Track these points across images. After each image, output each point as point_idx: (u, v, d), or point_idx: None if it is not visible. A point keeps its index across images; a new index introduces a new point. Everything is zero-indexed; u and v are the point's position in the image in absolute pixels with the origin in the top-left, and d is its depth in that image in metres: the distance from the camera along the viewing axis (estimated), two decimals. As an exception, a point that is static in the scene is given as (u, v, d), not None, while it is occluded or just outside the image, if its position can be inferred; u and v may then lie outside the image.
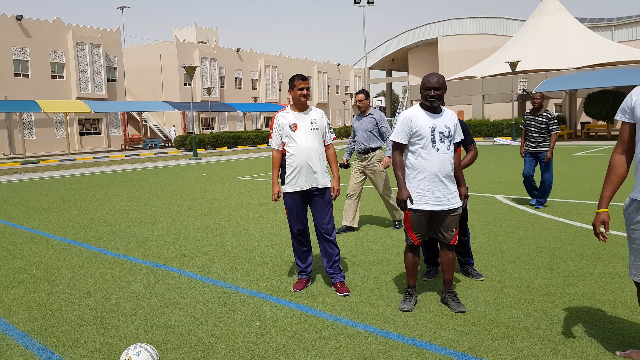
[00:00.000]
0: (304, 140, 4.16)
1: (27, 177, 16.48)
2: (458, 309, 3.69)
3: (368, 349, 3.16)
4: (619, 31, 51.02)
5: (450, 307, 3.75)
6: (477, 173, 12.95)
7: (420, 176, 3.65)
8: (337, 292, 4.18)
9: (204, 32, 53.34)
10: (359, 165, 6.52)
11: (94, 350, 3.26)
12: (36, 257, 5.68)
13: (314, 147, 4.17)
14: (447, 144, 3.67)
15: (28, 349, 3.32)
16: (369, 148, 6.38)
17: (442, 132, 3.65)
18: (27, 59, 33.06)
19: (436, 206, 3.66)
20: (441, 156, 3.65)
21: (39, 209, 9.30)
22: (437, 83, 3.60)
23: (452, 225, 3.74)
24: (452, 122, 3.74)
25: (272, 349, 3.21)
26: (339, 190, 4.27)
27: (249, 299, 4.13)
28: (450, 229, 3.75)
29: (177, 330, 3.54)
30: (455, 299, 3.77)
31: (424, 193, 3.66)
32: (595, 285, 4.16)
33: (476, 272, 4.50)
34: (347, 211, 6.51)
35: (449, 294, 3.82)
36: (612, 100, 27.87)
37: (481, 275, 4.46)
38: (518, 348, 3.11)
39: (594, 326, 3.38)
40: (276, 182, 4.30)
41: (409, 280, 3.91)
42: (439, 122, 3.67)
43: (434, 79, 3.62)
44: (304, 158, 4.14)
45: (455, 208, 3.72)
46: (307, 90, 4.21)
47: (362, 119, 6.40)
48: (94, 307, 4.05)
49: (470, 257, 4.57)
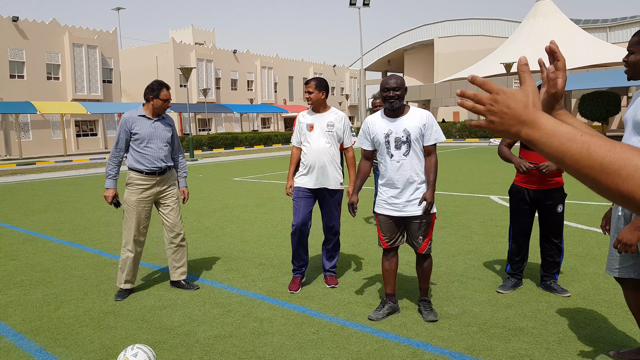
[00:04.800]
0: (316, 141, 4.26)
1: (23, 178, 16.43)
2: (427, 317, 3.57)
3: (365, 349, 3.18)
4: (614, 32, 51.30)
5: (422, 315, 3.65)
6: (472, 174, 13.00)
7: (381, 181, 3.68)
8: (326, 284, 4.43)
9: (201, 33, 53.33)
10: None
11: (91, 351, 3.27)
12: (32, 259, 5.68)
13: (326, 148, 4.24)
14: (405, 150, 3.52)
15: (25, 350, 3.32)
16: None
17: (398, 138, 3.51)
18: (23, 60, 32.95)
19: (391, 211, 3.59)
20: (395, 162, 3.54)
21: (36, 210, 9.29)
22: (395, 83, 3.49)
23: (418, 233, 3.58)
24: (416, 124, 3.52)
25: (269, 349, 3.22)
26: None
27: (246, 300, 4.15)
28: (416, 237, 3.60)
29: (174, 331, 3.55)
30: (427, 307, 3.66)
31: (383, 197, 3.64)
32: (589, 286, 4.20)
33: (560, 287, 4.01)
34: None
35: (421, 302, 3.72)
36: (606, 101, 28.03)
37: (566, 290, 3.98)
38: (513, 348, 3.14)
39: (588, 326, 3.42)
40: (291, 177, 4.42)
41: (385, 287, 3.77)
42: (397, 127, 3.53)
43: (392, 80, 3.53)
44: (315, 158, 4.24)
45: (413, 216, 3.55)
46: (309, 94, 4.28)
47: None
48: (91, 308, 4.05)
49: (557, 271, 4.08)
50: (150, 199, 4.31)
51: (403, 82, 3.56)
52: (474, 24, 58.32)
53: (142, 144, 4.23)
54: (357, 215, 6.52)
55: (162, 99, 4.25)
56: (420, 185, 3.57)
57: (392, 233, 3.66)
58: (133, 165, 4.25)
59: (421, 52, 64.25)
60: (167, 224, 4.40)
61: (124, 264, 4.31)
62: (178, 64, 43.47)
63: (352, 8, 38.29)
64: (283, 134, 37.59)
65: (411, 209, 3.56)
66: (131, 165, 4.27)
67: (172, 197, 4.41)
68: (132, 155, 4.27)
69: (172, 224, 4.39)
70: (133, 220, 4.26)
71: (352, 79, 65.55)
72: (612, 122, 45.64)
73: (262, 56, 52.30)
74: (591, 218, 6.90)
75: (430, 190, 3.53)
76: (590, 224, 6.56)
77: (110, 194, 4.28)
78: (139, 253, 4.38)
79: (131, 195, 4.25)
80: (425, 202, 3.51)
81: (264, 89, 51.98)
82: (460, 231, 6.37)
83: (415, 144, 3.53)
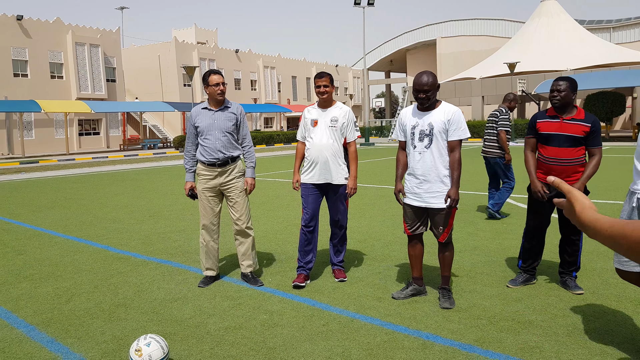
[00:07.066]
0: (318, 137, 4.27)
1: (28, 176, 16.49)
2: (443, 304, 3.69)
3: (374, 340, 3.20)
4: (618, 33, 51.19)
5: (438, 302, 3.77)
6: (477, 172, 13.00)
7: (408, 171, 3.86)
8: (334, 277, 4.47)
9: (204, 32, 53.36)
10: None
11: (102, 342, 3.29)
12: (40, 254, 5.71)
13: (328, 144, 4.25)
14: (427, 142, 3.67)
15: (37, 341, 3.34)
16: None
17: (422, 130, 3.69)
18: (26, 59, 33.04)
19: (413, 201, 3.80)
20: (417, 154, 3.71)
21: (42, 207, 9.32)
22: (427, 85, 3.61)
23: (439, 223, 3.75)
24: (441, 119, 3.64)
25: (279, 340, 3.24)
26: (354, 188, 4.34)
27: (256, 293, 4.16)
28: (437, 227, 3.77)
29: (185, 323, 3.57)
30: (445, 295, 3.78)
31: (407, 186, 3.85)
32: (598, 280, 4.20)
33: (574, 284, 3.99)
34: None
35: (441, 290, 3.85)
36: (611, 102, 27.97)
37: (580, 288, 3.95)
38: (523, 340, 3.15)
39: (598, 319, 3.42)
40: (297, 172, 4.45)
41: (412, 271, 3.99)
42: (423, 121, 3.70)
43: (424, 79, 3.62)
44: (317, 154, 4.26)
45: (435, 208, 3.71)
46: (325, 87, 4.25)
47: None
48: (102, 301, 4.08)
49: (576, 268, 4.05)
50: (215, 189, 4.39)
51: (434, 82, 3.65)
52: (477, 24, 58.25)
53: (202, 136, 4.34)
54: (363, 212, 6.54)
55: (212, 85, 4.27)
56: (443, 179, 3.69)
57: (413, 221, 3.85)
58: (198, 157, 4.41)
59: (424, 52, 64.19)
60: (232, 217, 4.46)
61: (201, 252, 4.47)
62: (180, 63, 43.51)
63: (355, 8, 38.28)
64: (285, 134, 37.62)
65: (433, 201, 3.72)
66: (197, 156, 4.42)
67: (235, 189, 4.41)
68: (198, 148, 4.42)
69: (236, 217, 4.43)
70: (202, 210, 4.42)
71: (355, 79, 65.56)
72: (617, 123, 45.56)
73: (265, 56, 52.33)
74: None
75: (454, 187, 3.65)
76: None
77: (186, 187, 4.47)
78: (214, 242, 4.46)
79: (199, 185, 4.42)
80: (450, 199, 3.65)
81: (267, 89, 52.01)
82: (466, 228, 6.37)
83: (438, 138, 3.66)
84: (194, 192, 4.48)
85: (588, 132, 3.80)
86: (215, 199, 4.42)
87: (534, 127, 4.02)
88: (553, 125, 3.90)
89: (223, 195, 4.47)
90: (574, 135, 3.81)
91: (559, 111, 3.90)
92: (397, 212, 7.65)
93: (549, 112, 3.97)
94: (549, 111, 3.98)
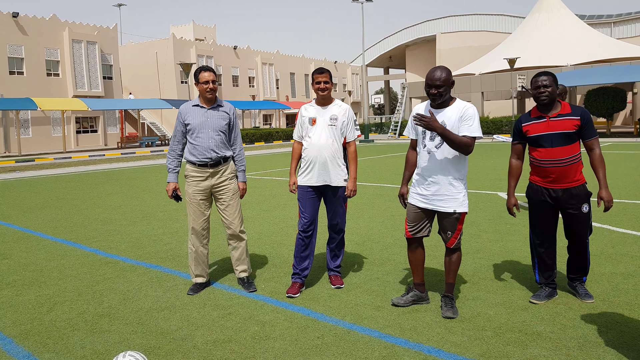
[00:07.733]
0: (317, 136, 4.03)
1: (22, 175, 16.25)
2: (445, 313, 3.49)
3: (372, 355, 2.99)
4: (618, 28, 50.90)
5: (440, 310, 3.58)
6: (478, 170, 12.79)
7: (417, 171, 3.67)
8: (331, 284, 4.25)
9: (202, 29, 53.01)
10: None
11: (81, 357, 3.08)
12: (26, 258, 5.49)
13: (327, 143, 4.02)
14: (438, 142, 3.46)
15: (12, 356, 3.13)
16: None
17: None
18: (22, 56, 32.75)
19: (420, 202, 3.60)
20: (426, 153, 3.53)
21: (33, 207, 9.10)
22: (439, 80, 3.40)
23: (447, 227, 3.55)
24: (455, 117, 3.43)
25: (270, 355, 3.03)
26: (353, 190, 4.12)
27: (248, 301, 3.95)
28: (445, 231, 3.58)
29: (171, 335, 3.36)
30: (448, 303, 3.57)
31: (414, 187, 3.65)
32: (608, 286, 3.99)
33: (585, 292, 3.75)
34: None
35: (444, 298, 3.63)
36: (611, 97, 27.76)
37: (591, 296, 3.71)
38: (531, 354, 2.94)
39: (610, 330, 3.21)
40: (293, 173, 4.21)
41: (413, 277, 3.78)
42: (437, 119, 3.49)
43: (437, 74, 3.41)
44: (316, 154, 4.02)
45: (443, 212, 3.51)
46: (325, 83, 4.02)
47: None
48: (85, 310, 3.86)
49: (584, 273, 3.84)
50: (206, 191, 4.15)
51: (447, 78, 3.41)
52: (476, 20, 57.89)
53: (194, 134, 4.10)
54: (361, 212, 6.32)
55: (202, 82, 4.06)
56: (452, 182, 3.48)
57: (416, 223, 3.63)
58: (187, 157, 4.16)
59: (423, 47, 63.83)
60: (224, 221, 4.22)
61: (190, 258, 4.23)
62: (178, 60, 43.22)
63: (354, 4, 37.98)
64: (284, 131, 37.39)
65: (440, 205, 3.52)
66: (186, 156, 4.18)
67: (228, 192, 4.18)
68: (187, 147, 4.18)
69: (229, 221, 4.20)
70: (191, 213, 4.16)
71: (354, 75, 65.27)
72: (617, 118, 45.35)
73: (263, 52, 52.01)
74: (602, 215, 6.68)
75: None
76: (602, 221, 6.36)
77: (169, 188, 4.21)
78: (204, 247, 4.23)
79: (189, 187, 4.17)
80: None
81: (265, 86, 51.72)
82: (468, 229, 6.16)
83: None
84: (178, 193, 4.23)
85: (580, 124, 3.55)
86: (206, 202, 4.20)
87: (520, 131, 3.76)
88: (540, 126, 3.63)
89: (213, 197, 4.26)
90: (566, 131, 3.55)
91: (544, 109, 3.64)
92: (397, 212, 7.43)
93: (533, 114, 3.70)
94: (532, 112, 3.72)
